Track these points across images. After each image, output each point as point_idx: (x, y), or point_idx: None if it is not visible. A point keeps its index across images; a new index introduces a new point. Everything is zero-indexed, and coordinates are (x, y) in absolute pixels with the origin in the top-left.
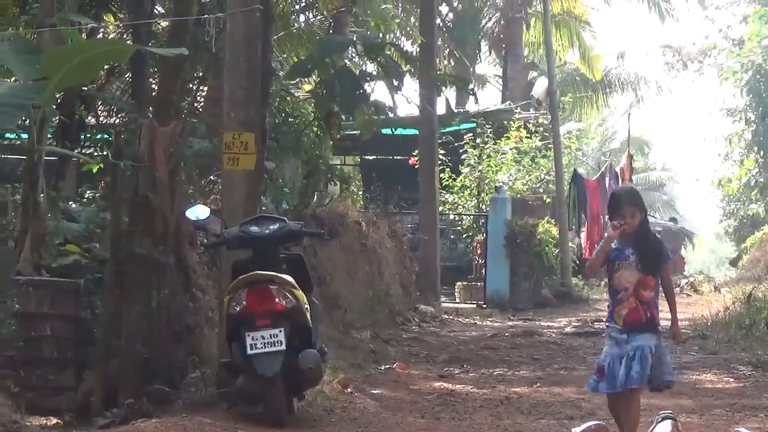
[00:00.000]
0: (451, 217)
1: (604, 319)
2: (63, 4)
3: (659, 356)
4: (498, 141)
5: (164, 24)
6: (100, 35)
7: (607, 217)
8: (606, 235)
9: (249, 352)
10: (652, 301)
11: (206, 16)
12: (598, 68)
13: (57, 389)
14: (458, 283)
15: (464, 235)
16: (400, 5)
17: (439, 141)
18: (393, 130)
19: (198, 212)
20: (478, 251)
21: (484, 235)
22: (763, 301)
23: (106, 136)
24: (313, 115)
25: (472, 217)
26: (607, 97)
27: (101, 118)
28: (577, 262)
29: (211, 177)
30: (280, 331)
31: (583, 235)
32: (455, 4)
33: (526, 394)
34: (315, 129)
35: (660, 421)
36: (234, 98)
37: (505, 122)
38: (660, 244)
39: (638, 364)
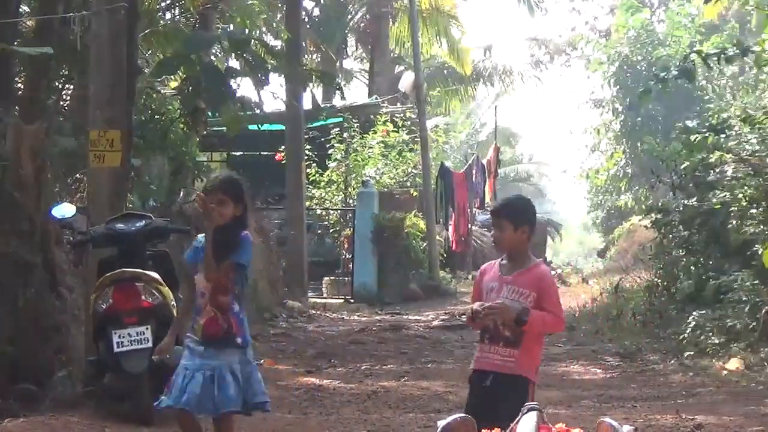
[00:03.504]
0: (318, 212)
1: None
2: None
3: (247, 376)
4: (365, 135)
5: (30, 23)
6: None
7: (476, 207)
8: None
9: (116, 349)
10: (230, 307)
11: (71, 14)
12: (468, 62)
13: None
14: (326, 278)
15: (331, 230)
16: (265, 1)
17: (306, 136)
18: (259, 126)
19: (64, 210)
20: (346, 246)
21: (352, 229)
22: (630, 292)
23: None
24: (180, 111)
25: (339, 211)
26: (474, 90)
27: None
28: (445, 255)
29: (78, 175)
30: (147, 328)
31: (450, 228)
32: None
33: (394, 388)
34: (181, 126)
35: (525, 413)
36: (100, 96)
37: (372, 116)
38: (238, 239)
39: (218, 389)
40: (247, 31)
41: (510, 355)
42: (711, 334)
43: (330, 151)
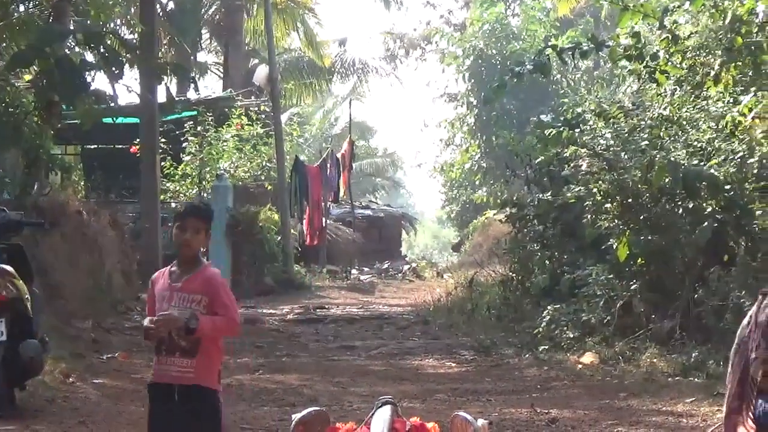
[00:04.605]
0: (173, 205)
1: (327, 307)
2: None
3: None
4: (219, 129)
5: None
6: None
7: (330, 201)
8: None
9: None
10: None
11: None
12: (326, 54)
13: None
14: None
15: None
16: None
17: (161, 129)
18: (114, 119)
19: None
20: None
21: None
22: (485, 286)
23: None
24: (34, 104)
25: None
26: (329, 83)
27: None
28: (299, 249)
29: None
30: (1, 321)
31: (304, 222)
32: None
33: (249, 382)
34: (35, 119)
35: (380, 406)
36: None
37: (227, 110)
38: None
39: None
40: (101, 23)
41: (188, 366)
42: (566, 328)
43: (184, 145)
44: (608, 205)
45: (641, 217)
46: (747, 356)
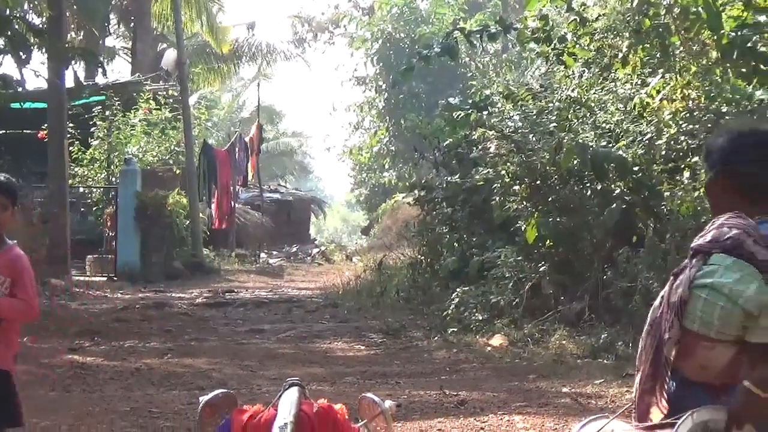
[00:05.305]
0: (81, 190)
1: (235, 291)
2: None
3: None
4: (127, 113)
5: None
6: None
7: (239, 185)
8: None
9: None
10: None
11: None
12: (226, 41)
13: None
14: (89, 256)
15: (94, 208)
16: None
17: (69, 114)
18: (21, 104)
19: None
20: (109, 224)
21: (114, 207)
22: (393, 269)
23: None
24: None
25: (101, 189)
26: (237, 67)
27: None
28: (208, 233)
29: None
30: None
31: (213, 205)
32: None
33: (157, 366)
34: None
35: (287, 388)
36: None
37: (135, 94)
38: None
39: None
40: (8, 8)
41: None
42: (475, 310)
43: (93, 129)
44: (517, 187)
45: (550, 199)
46: (660, 337)
